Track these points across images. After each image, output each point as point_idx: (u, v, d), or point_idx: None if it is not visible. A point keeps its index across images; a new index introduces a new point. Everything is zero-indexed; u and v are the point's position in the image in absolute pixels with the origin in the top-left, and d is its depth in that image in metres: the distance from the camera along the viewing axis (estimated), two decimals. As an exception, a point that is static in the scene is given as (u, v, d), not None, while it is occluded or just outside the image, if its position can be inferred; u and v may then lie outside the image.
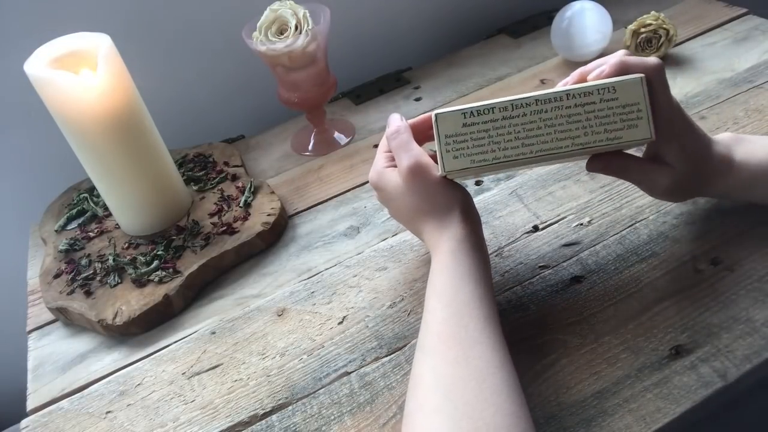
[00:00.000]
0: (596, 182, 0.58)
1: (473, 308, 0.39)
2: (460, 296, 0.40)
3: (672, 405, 0.40)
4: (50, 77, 0.50)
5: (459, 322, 0.38)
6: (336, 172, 0.68)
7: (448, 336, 0.38)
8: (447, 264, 0.41)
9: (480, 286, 0.40)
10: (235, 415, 0.45)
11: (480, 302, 0.39)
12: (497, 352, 0.37)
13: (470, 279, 0.40)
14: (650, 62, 0.39)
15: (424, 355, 0.39)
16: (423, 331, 0.40)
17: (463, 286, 0.40)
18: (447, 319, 0.39)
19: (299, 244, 0.59)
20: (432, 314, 0.40)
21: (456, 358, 0.37)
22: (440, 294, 0.41)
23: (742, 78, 0.67)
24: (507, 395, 0.35)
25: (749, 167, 0.44)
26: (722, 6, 0.80)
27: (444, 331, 0.38)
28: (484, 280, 0.41)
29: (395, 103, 0.77)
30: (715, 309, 0.45)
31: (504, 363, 0.37)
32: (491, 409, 0.34)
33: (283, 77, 0.65)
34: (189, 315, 0.55)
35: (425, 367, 0.38)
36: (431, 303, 0.41)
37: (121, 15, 0.69)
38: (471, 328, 0.38)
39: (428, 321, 0.40)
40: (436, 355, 0.38)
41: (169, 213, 0.61)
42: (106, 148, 0.54)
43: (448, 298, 0.40)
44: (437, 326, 0.39)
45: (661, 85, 0.39)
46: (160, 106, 0.63)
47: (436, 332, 0.39)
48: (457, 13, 0.89)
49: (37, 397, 0.50)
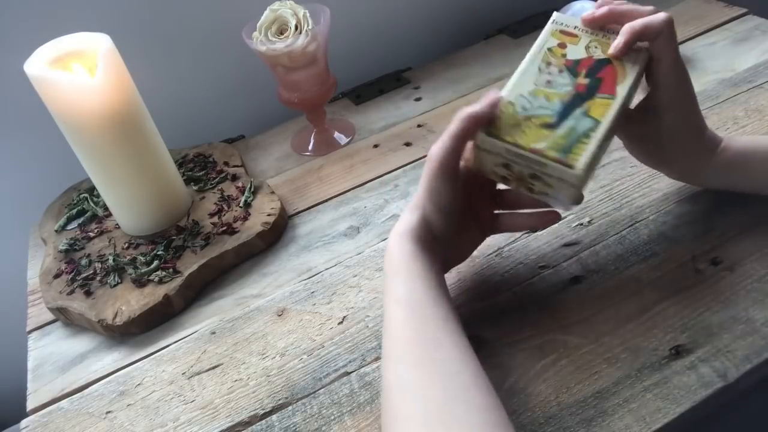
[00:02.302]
0: (596, 182, 0.58)
1: (430, 309, 0.39)
2: (415, 298, 0.39)
3: (672, 405, 0.40)
4: (50, 77, 0.50)
5: (417, 325, 0.38)
6: (336, 172, 0.68)
7: (409, 339, 0.37)
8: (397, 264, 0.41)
9: (433, 288, 0.40)
10: (235, 415, 0.45)
11: (435, 302, 0.39)
12: (460, 351, 0.37)
13: (423, 280, 0.40)
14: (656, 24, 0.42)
15: (389, 361, 0.38)
16: (384, 336, 0.40)
17: (416, 288, 0.40)
18: (405, 323, 0.38)
19: (299, 244, 0.59)
20: (390, 319, 0.39)
21: (422, 360, 0.36)
22: (395, 297, 0.40)
23: (742, 78, 0.67)
24: (476, 390, 0.35)
25: (734, 146, 0.46)
26: (722, 6, 0.80)
27: (404, 335, 0.38)
28: (437, 283, 0.40)
29: (395, 103, 0.77)
30: (715, 309, 0.45)
31: (468, 359, 0.37)
32: (462, 405, 0.34)
33: (283, 77, 0.65)
34: (189, 315, 0.55)
35: (391, 374, 0.37)
36: (389, 307, 0.40)
37: (121, 15, 0.69)
38: (431, 329, 0.38)
39: (387, 326, 0.40)
40: (399, 361, 0.37)
41: (169, 213, 0.61)
42: (106, 148, 0.54)
43: (402, 300, 0.39)
44: (396, 331, 0.39)
45: (669, 41, 0.43)
46: (160, 106, 0.63)
47: (397, 336, 0.38)
48: (457, 13, 0.89)
49: (37, 397, 0.50)
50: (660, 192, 0.55)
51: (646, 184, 0.56)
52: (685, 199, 0.54)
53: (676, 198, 0.54)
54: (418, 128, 0.72)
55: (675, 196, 0.54)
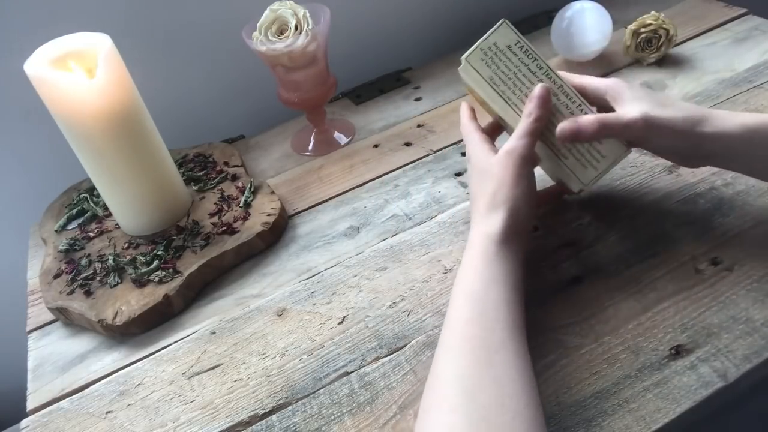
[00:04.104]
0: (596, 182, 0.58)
1: (501, 312, 0.39)
2: (490, 298, 0.40)
3: (672, 405, 0.40)
4: (50, 77, 0.50)
5: (485, 324, 0.38)
6: (336, 172, 0.68)
7: (473, 337, 0.38)
8: (478, 263, 0.42)
9: (510, 291, 0.40)
10: (235, 415, 0.45)
11: (508, 307, 0.39)
12: (521, 360, 0.37)
13: (501, 282, 0.40)
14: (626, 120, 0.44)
15: (447, 353, 0.38)
16: (447, 328, 0.40)
17: (493, 288, 0.40)
18: (473, 320, 0.39)
19: (299, 244, 0.59)
20: (458, 312, 0.40)
21: (479, 360, 0.37)
22: (468, 293, 0.40)
23: (742, 78, 0.67)
24: (527, 402, 0.35)
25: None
26: (722, 6, 0.80)
27: (469, 331, 0.38)
28: (515, 285, 0.41)
29: (395, 103, 0.77)
30: (715, 309, 0.45)
31: (526, 370, 0.37)
32: (510, 413, 0.34)
33: (283, 77, 0.65)
34: (189, 315, 0.55)
35: (448, 365, 0.38)
36: (458, 301, 0.41)
37: (121, 15, 0.69)
38: (497, 332, 0.38)
39: (453, 318, 0.40)
40: (459, 355, 0.38)
41: (169, 213, 0.61)
42: (106, 148, 0.54)
43: (476, 298, 0.40)
44: (462, 325, 0.39)
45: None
46: (160, 106, 0.63)
47: (461, 332, 0.39)
48: (457, 13, 0.89)
49: (37, 397, 0.50)
50: (660, 192, 0.55)
51: (646, 184, 0.56)
52: (685, 199, 0.54)
53: (676, 198, 0.54)
54: (418, 128, 0.72)
55: (675, 196, 0.54)
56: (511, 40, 0.47)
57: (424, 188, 0.62)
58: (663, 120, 0.43)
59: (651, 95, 0.45)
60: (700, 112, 0.44)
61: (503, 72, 0.47)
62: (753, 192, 0.53)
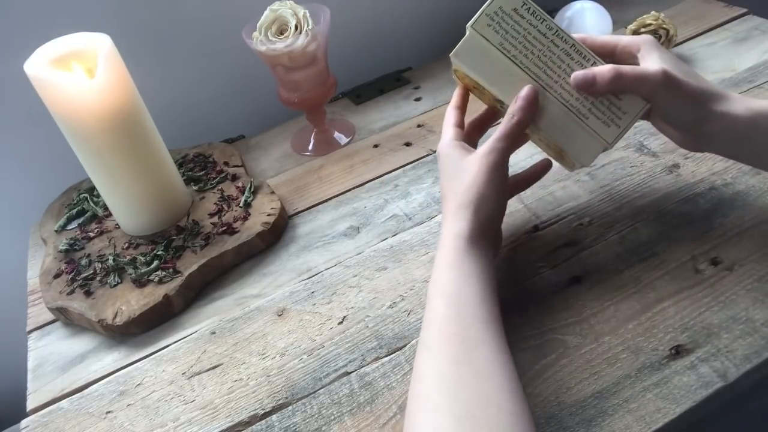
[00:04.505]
0: (596, 182, 0.58)
1: (476, 309, 0.39)
2: (464, 297, 0.40)
3: (672, 405, 0.40)
4: (50, 77, 0.50)
5: (462, 322, 0.39)
6: (336, 172, 0.68)
7: (451, 335, 0.38)
8: (451, 261, 0.42)
9: (483, 288, 0.40)
10: (235, 415, 0.45)
11: (483, 304, 0.40)
12: (499, 353, 0.37)
13: (474, 280, 0.41)
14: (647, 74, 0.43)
15: (426, 352, 0.39)
16: (425, 327, 0.40)
17: (466, 286, 0.40)
18: (449, 318, 0.39)
19: (299, 244, 0.59)
20: (435, 312, 0.40)
21: (458, 356, 0.37)
22: (443, 293, 0.41)
23: (742, 78, 0.67)
24: (509, 395, 0.35)
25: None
26: (722, 6, 0.80)
27: (447, 329, 0.38)
28: (488, 282, 0.41)
29: (395, 103, 0.77)
30: (715, 309, 0.45)
31: (506, 363, 0.37)
32: (493, 407, 0.34)
33: (283, 77, 0.65)
34: (189, 315, 0.55)
35: (427, 364, 0.38)
36: (435, 300, 0.41)
37: (121, 15, 0.69)
38: (474, 329, 0.38)
39: (430, 318, 0.40)
40: (438, 353, 0.38)
41: (169, 213, 0.61)
42: (106, 148, 0.54)
43: (451, 297, 0.40)
44: (440, 324, 0.39)
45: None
46: (160, 106, 0.63)
47: (439, 330, 0.39)
48: (457, 13, 0.88)
49: (37, 397, 0.50)
50: (660, 192, 0.55)
51: (646, 184, 0.56)
52: (685, 199, 0.54)
53: (676, 198, 0.54)
54: (418, 128, 0.72)
55: (675, 196, 0.54)
56: (517, 2, 0.45)
57: (424, 188, 0.62)
58: (682, 82, 0.43)
59: (678, 61, 0.45)
60: (717, 91, 0.44)
61: (513, 36, 0.45)
62: (753, 192, 0.53)
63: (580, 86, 0.44)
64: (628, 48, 0.46)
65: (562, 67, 0.45)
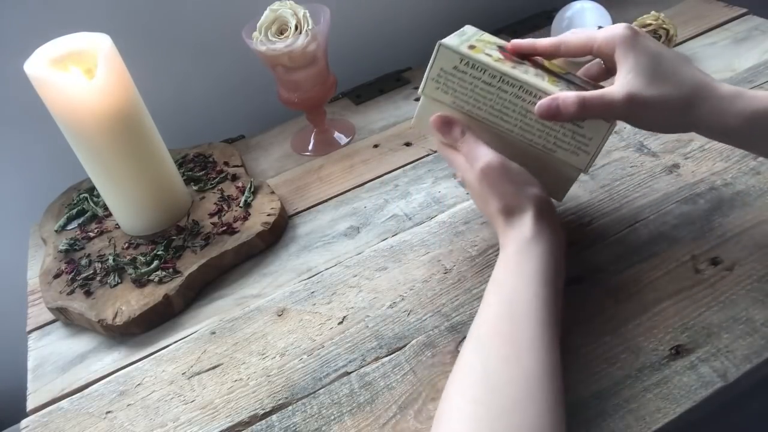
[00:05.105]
0: (596, 182, 0.58)
1: (533, 310, 0.39)
2: (522, 296, 0.40)
3: (672, 405, 0.40)
4: (50, 77, 0.50)
5: (516, 321, 0.39)
6: (336, 172, 0.68)
7: (503, 333, 0.38)
8: (511, 262, 0.42)
9: (542, 286, 0.40)
10: (235, 415, 0.45)
11: (541, 305, 0.39)
12: (550, 359, 0.37)
13: (534, 280, 0.41)
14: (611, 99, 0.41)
15: (477, 345, 0.39)
16: (479, 321, 0.41)
17: (525, 286, 0.40)
18: (503, 316, 0.39)
19: (299, 244, 0.59)
20: (489, 307, 0.41)
21: (508, 356, 0.37)
22: (500, 290, 0.41)
23: (742, 78, 0.67)
24: (552, 403, 0.36)
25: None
26: (722, 6, 0.80)
27: (499, 327, 0.39)
28: (548, 281, 0.41)
29: (395, 103, 0.77)
30: (715, 309, 0.45)
31: (554, 371, 0.37)
32: (532, 412, 0.35)
33: (283, 77, 0.65)
34: (189, 315, 0.55)
35: (476, 357, 0.38)
36: (489, 297, 0.41)
37: (121, 15, 0.69)
38: (527, 330, 0.38)
39: (485, 313, 0.41)
40: (489, 349, 0.38)
41: (169, 213, 0.61)
42: (106, 148, 0.54)
43: (507, 295, 0.40)
44: (493, 321, 0.40)
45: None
46: (160, 106, 0.63)
47: (492, 326, 0.39)
48: (456, 13, 0.89)
49: (37, 397, 0.50)
50: (660, 192, 0.55)
51: (646, 184, 0.56)
52: (685, 199, 0.54)
53: (676, 198, 0.54)
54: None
55: (675, 196, 0.54)
56: (454, 60, 0.45)
57: (424, 188, 0.62)
58: (649, 101, 0.41)
59: (651, 64, 0.42)
60: (698, 88, 0.41)
61: (462, 93, 0.46)
62: (753, 192, 0.53)
63: (544, 116, 0.43)
64: (604, 49, 0.44)
65: (516, 110, 0.45)
